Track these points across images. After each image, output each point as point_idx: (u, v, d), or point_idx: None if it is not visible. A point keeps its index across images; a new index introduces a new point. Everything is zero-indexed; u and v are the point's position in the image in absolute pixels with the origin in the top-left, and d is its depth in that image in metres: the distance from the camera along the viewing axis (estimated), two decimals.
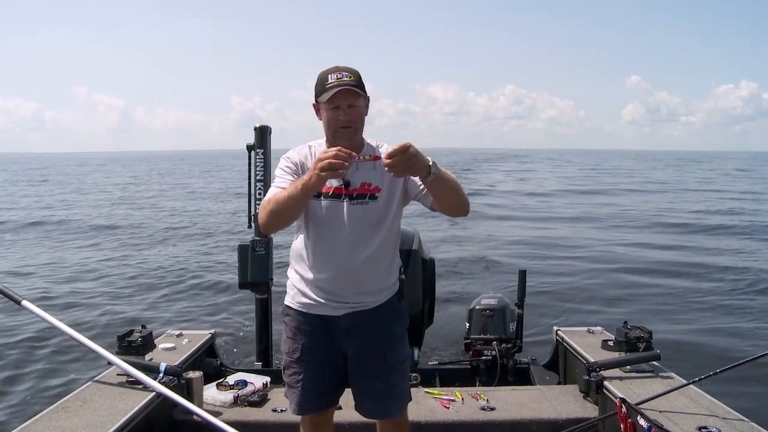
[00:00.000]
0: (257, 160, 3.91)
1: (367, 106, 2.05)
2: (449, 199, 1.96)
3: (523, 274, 3.97)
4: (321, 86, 1.97)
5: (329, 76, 1.96)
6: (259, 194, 3.88)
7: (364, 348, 2.11)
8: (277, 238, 3.88)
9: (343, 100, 1.95)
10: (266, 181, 3.90)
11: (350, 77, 1.95)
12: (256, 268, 3.78)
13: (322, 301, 2.07)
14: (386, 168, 1.73)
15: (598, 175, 40.76)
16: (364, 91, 2.00)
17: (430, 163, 1.77)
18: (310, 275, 2.08)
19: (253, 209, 3.90)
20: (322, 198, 2.03)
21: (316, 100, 2.02)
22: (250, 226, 3.93)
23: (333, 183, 2.02)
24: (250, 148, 3.91)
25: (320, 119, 2.04)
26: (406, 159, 1.71)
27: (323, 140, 2.11)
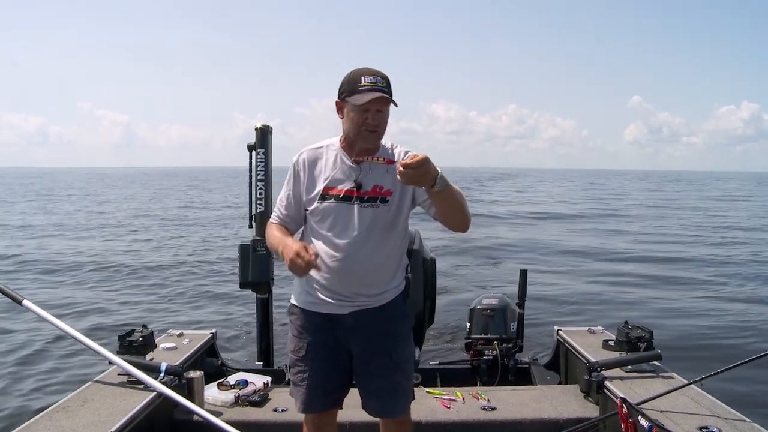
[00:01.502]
0: (258, 160, 3.91)
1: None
2: (451, 213, 1.96)
3: (524, 274, 3.96)
4: (352, 86, 1.95)
5: (363, 78, 1.94)
6: (260, 194, 3.88)
7: (369, 346, 2.11)
8: None
9: (373, 104, 1.93)
10: (267, 181, 3.90)
11: (383, 83, 1.94)
12: (257, 268, 3.78)
13: (328, 299, 2.07)
14: (397, 175, 1.73)
15: (599, 194, 40.42)
16: (392, 99, 1.99)
17: (438, 176, 1.77)
18: (316, 275, 2.06)
19: (254, 209, 3.90)
20: (333, 200, 2.03)
21: (341, 99, 2.00)
22: (251, 226, 3.92)
23: (345, 185, 2.03)
24: (251, 147, 3.91)
25: (341, 117, 2.03)
26: (421, 174, 1.73)
27: (337, 139, 2.10)
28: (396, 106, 1.99)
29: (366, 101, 1.91)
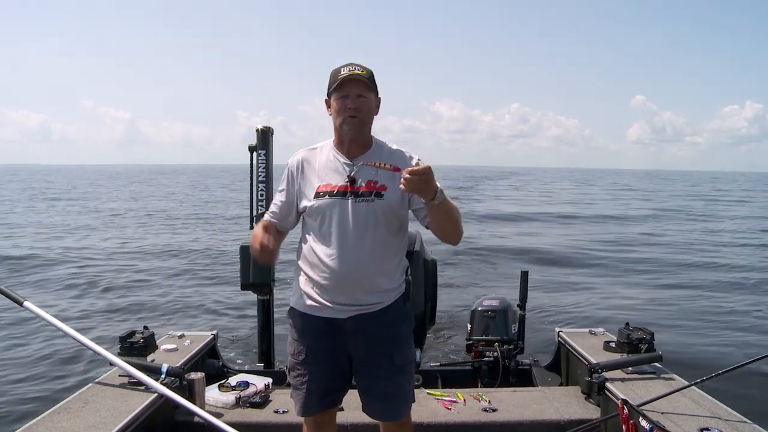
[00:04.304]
0: (259, 161, 3.91)
1: (377, 106, 2.08)
2: (445, 226, 1.99)
3: (525, 276, 3.96)
4: (333, 78, 2.01)
5: (342, 68, 2.00)
6: (261, 195, 3.88)
7: (371, 349, 2.10)
8: None
9: (352, 89, 1.98)
10: (268, 182, 3.90)
11: (363, 71, 1.99)
12: (258, 269, 3.78)
13: (328, 303, 2.05)
14: (402, 181, 1.77)
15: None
16: (375, 89, 2.03)
17: (438, 189, 1.82)
18: (315, 277, 2.06)
19: (254, 210, 3.90)
20: (327, 197, 2.03)
21: (327, 95, 2.05)
22: (252, 227, 3.92)
23: (338, 181, 2.04)
24: (252, 148, 3.91)
25: (330, 115, 2.06)
26: (425, 181, 1.77)
27: (330, 141, 2.12)
28: (378, 97, 2.05)
29: (340, 81, 1.97)
